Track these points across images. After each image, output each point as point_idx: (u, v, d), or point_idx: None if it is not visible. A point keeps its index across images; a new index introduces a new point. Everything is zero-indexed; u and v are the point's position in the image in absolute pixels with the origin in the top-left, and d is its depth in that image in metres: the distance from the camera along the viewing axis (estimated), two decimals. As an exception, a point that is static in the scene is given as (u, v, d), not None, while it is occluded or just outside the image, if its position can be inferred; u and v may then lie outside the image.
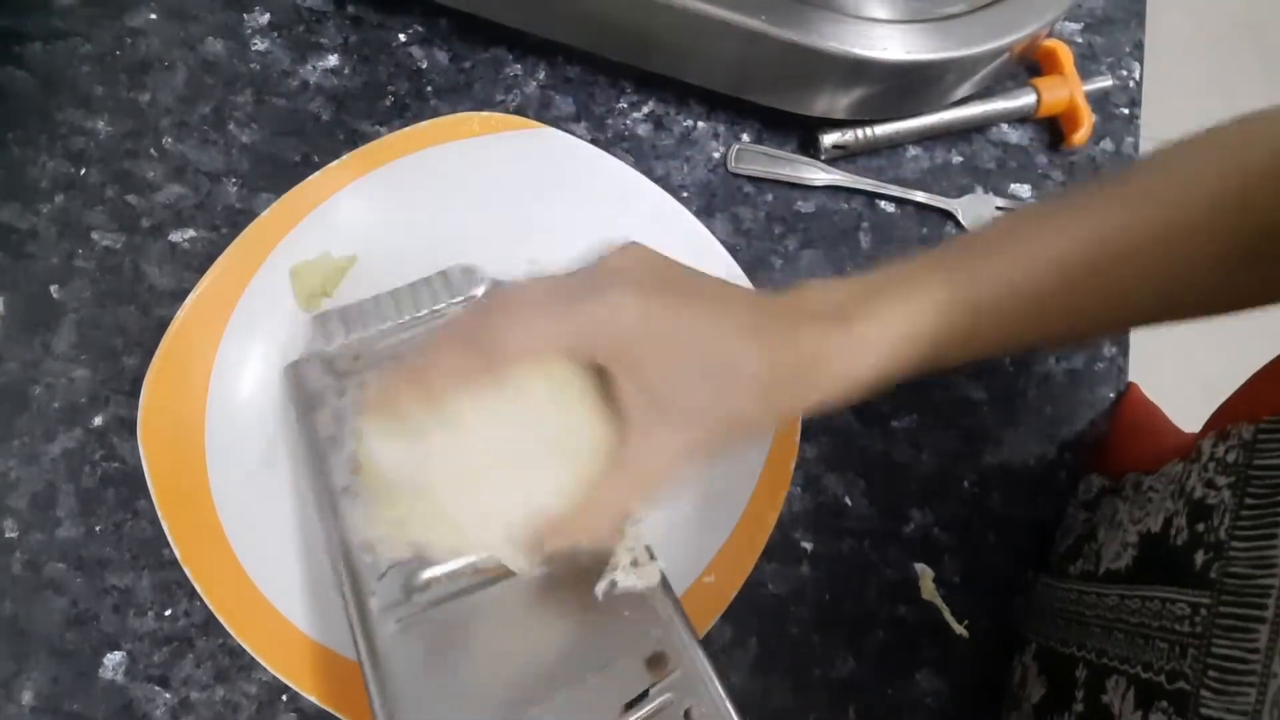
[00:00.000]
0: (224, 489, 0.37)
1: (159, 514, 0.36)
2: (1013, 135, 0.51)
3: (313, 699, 0.35)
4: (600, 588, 0.30)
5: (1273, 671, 0.26)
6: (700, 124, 0.48)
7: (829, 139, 0.47)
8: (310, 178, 0.42)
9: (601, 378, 0.30)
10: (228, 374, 0.39)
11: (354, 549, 0.33)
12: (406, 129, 0.44)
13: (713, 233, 0.46)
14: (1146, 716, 0.30)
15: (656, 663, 0.30)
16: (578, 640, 0.32)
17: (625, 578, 0.31)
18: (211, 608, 0.35)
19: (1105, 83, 0.51)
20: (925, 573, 0.42)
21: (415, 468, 0.29)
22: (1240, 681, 0.27)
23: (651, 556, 0.32)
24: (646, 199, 0.45)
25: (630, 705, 0.29)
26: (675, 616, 0.32)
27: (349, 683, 0.35)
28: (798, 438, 0.41)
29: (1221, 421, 0.33)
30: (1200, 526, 0.31)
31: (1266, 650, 0.27)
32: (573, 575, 0.32)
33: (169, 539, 0.36)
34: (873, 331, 0.30)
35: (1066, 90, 0.50)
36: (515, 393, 0.29)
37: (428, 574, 0.32)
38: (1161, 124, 0.46)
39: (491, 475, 0.29)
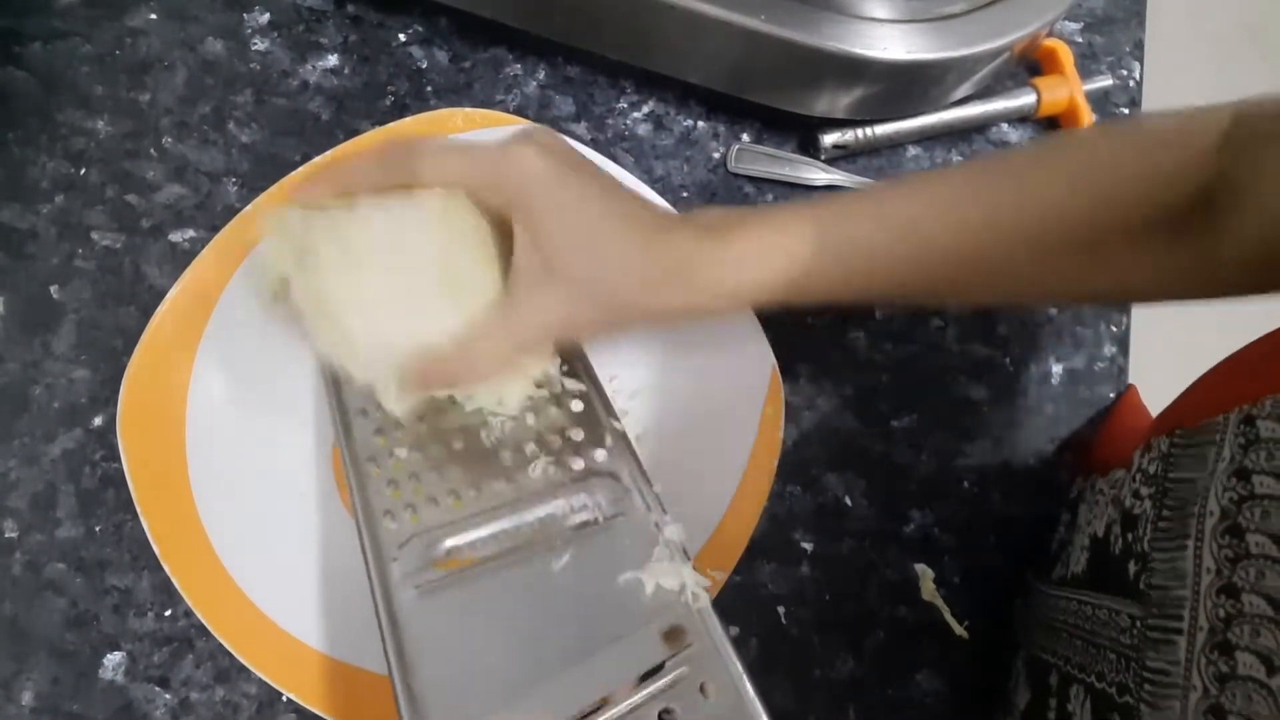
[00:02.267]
0: (206, 490, 0.37)
1: (141, 517, 0.36)
2: (1013, 135, 0.51)
3: (297, 699, 0.35)
4: (649, 588, 0.32)
5: (1192, 684, 0.26)
6: (700, 124, 0.48)
7: (829, 139, 0.47)
8: (292, 174, 0.43)
9: (501, 233, 0.33)
10: (209, 373, 0.39)
11: (377, 516, 0.33)
12: (389, 125, 0.44)
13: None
14: None
15: (674, 636, 0.31)
16: (596, 612, 0.32)
17: (667, 579, 0.32)
18: (195, 610, 0.36)
19: (1105, 82, 0.51)
20: (925, 573, 0.42)
21: (319, 242, 0.32)
22: (1168, 695, 0.27)
23: (686, 556, 0.33)
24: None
25: (645, 677, 0.30)
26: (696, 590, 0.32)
27: (339, 686, 0.35)
28: (781, 434, 0.41)
29: (1151, 432, 0.34)
30: (1130, 537, 0.32)
31: (1185, 662, 0.27)
32: (594, 549, 0.33)
33: (151, 541, 0.36)
34: (740, 247, 0.33)
35: (1066, 90, 0.50)
36: (419, 228, 0.32)
37: (449, 543, 0.33)
38: (1162, 124, 0.46)
39: (388, 301, 0.32)
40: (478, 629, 0.31)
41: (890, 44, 0.42)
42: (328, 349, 0.34)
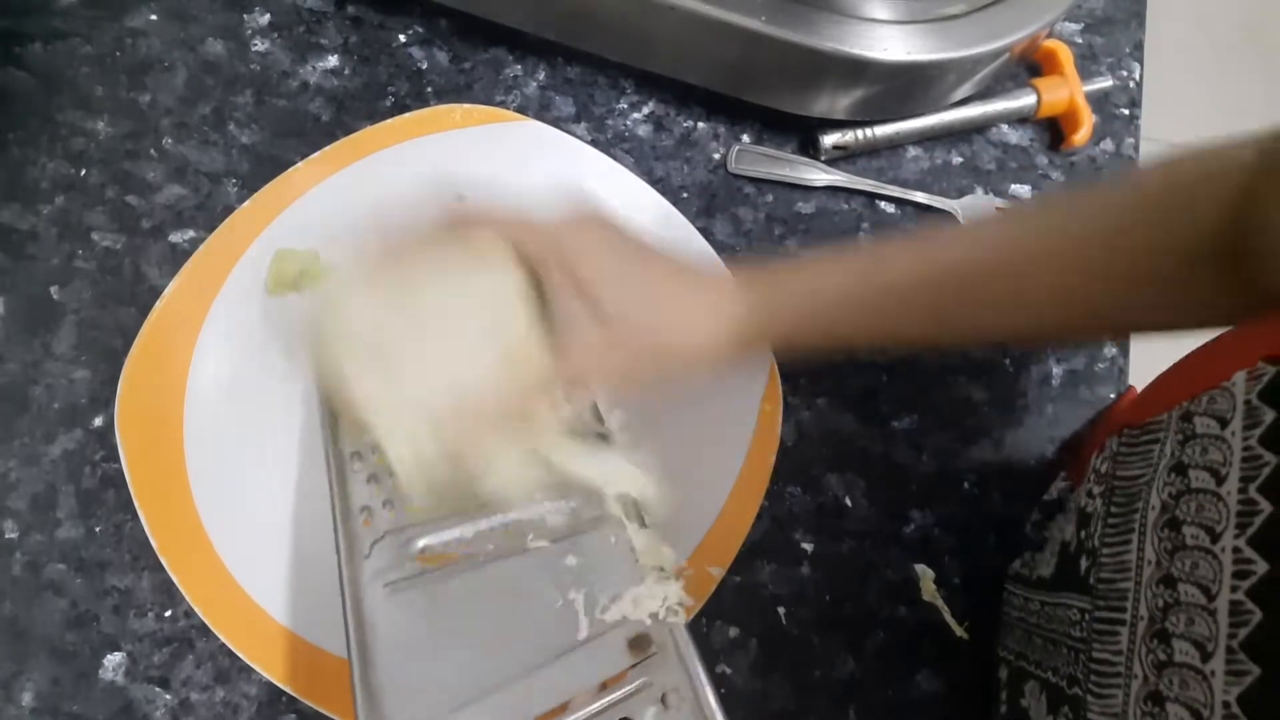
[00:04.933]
0: (204, 487, 0.37)
1: (139, 513, 0.36)
2: (1013, 136, 0.51)
3: (295, 693, 0.35)
4: (647, 619, 0.32)
5: (1133, 672, 0.27)
6: (700, 125, 0.48)
7: (829, 140, 0.47)
8: (289, 170, 0.43)
9: (543, 293, 0.34)
10: (206, 368, 0.39)
11: (354, 513, 0.33)
12: (387, 121, 0.45)
13: (713, 233, 0.46)
14: None
15: (639, 644, 0.31)
16: (564, 618, 0.32)
17: (649, 600, 0.32)
18: (195, 607, 0.36)
19: (1105, 83, 0.51)
20: (925, 573, 0.42)
21: (382, 321, 0.32)
22: (1111, 684, 0.28)
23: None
24: (629, 191, 0.45)
25: (608, 684, 0.29)
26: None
27: (340, 682, 0.35)
28: (779, 430, 0.42)
29: (1107, 436, 0.35)
30: (1083, 534, 0.33)
31: (1128, 651, 0.27)
32: (568, 556, 0.33)
33: (150, 538, 0.36)
34: (765, 299, 0.35)
35: (1066, 91, 0.50)
36: (464, 284, 0.33)
37: (424, 541, 0.33)
38: (1161, 124, 0.46)
39: (432, 347, 0.32)
40: (444, 628, 0.31)
41: (890, 45, 0.42)
42: (373, 418, 0.32)
